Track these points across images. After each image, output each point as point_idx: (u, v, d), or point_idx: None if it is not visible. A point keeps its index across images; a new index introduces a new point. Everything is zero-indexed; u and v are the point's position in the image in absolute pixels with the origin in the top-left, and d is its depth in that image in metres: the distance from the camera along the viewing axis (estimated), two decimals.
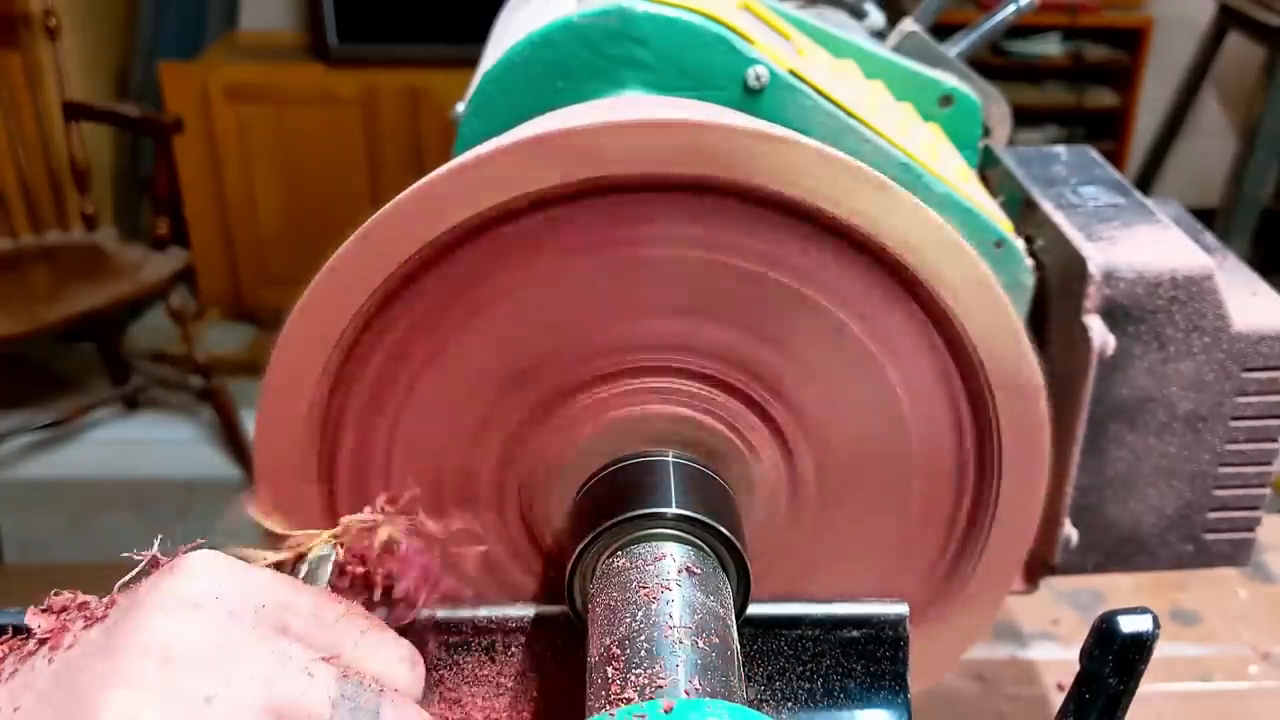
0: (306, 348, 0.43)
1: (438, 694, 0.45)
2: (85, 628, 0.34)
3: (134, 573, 0.36)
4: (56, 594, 0.36)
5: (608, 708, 0.35)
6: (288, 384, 0.44)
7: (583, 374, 0.46)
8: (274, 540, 0.42)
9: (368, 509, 0.42)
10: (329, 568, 0.40)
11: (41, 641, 0.34)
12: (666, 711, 0.32)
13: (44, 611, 0.35)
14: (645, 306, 0.45)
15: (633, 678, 0.35)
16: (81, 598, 0.36)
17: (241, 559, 0.37)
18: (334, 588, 0.40)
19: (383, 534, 0.41)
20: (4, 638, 0.35)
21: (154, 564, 0.36)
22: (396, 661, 0.38)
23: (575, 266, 0.44)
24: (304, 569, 0.40)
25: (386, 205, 0.42)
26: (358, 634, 0.37)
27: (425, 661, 0.40)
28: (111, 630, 0.33)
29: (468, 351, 0.45)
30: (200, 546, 0.36)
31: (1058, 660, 0.86)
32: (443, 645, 0.45)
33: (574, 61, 0.52)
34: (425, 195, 0.41)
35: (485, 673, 0.46)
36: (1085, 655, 0.36)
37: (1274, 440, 0.59)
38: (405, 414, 0.46)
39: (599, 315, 0.45)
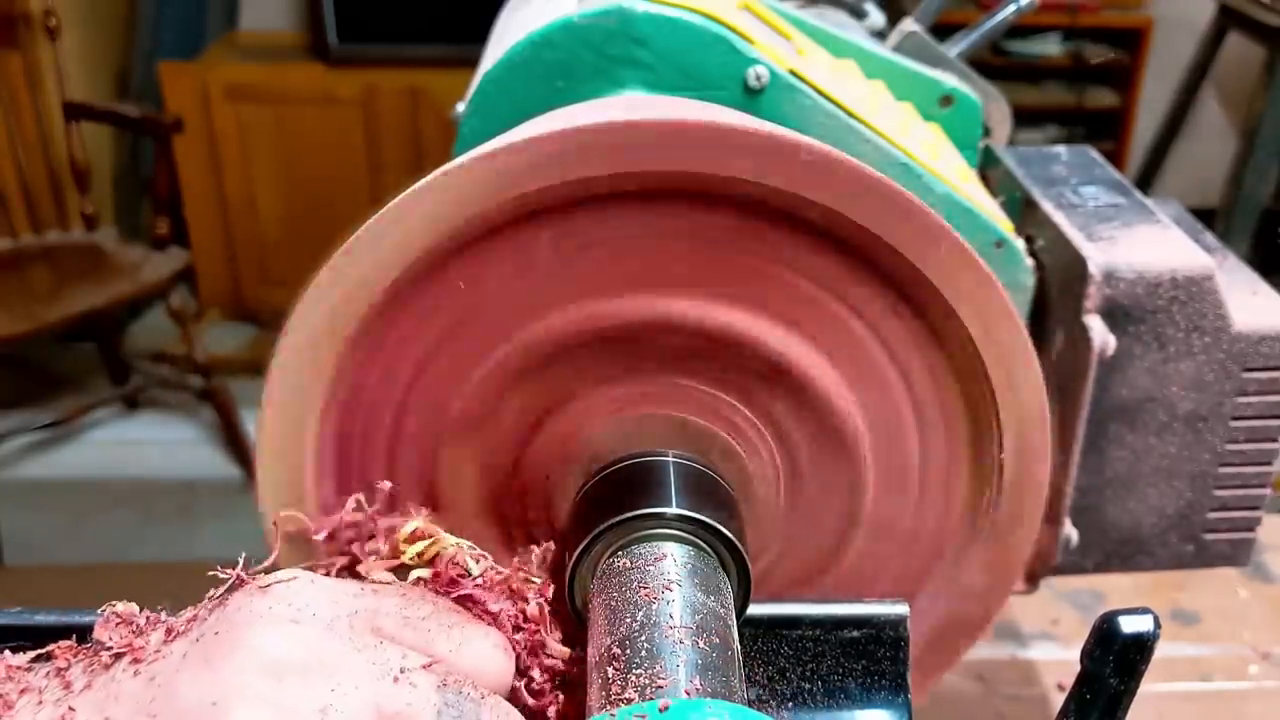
0: (307, 349, 0.43)
1: None
2: (167, 641, 0.33)
3: (222, 590, 0.35)
4: (111, 605, 0.35)
5: (608, 708, 0.35)
6: (289, 386, 0.44)
7: (583, 374, 0.46)
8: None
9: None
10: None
11: (118, 655, 0.33)
12: (665, 711, 0.32)
13: (112, 623, 0.35)
14: (648, 306, 0.45)
15: (633, 678, 0.35)
16: (148, 612, 0.35)
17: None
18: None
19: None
20: (61, 646, 0.35)
21: (239, 582, 0.36)
22: (490, 650, 0.38)
23: (577, 267, 0.44)
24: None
25: (386, 205, 0.42)
26: (448, 629, 0.37)
27: None
28: (207, 646, 0.32)
29: (468, 353, 0.45)
30: (292, 570, 0.36)
31: (1058, 660, 0.86)
32: None
33: (574, 61, 0.52)
34: (426, 195, 0.41)
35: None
36: (1086, 655, 0.36)
37: (1274, 440, 0.59)
38: (405, 416, 0.46)
39: (602, 316, 0.45)
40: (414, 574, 0.40)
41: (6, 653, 0.35)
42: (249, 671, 0.31)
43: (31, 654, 0.35)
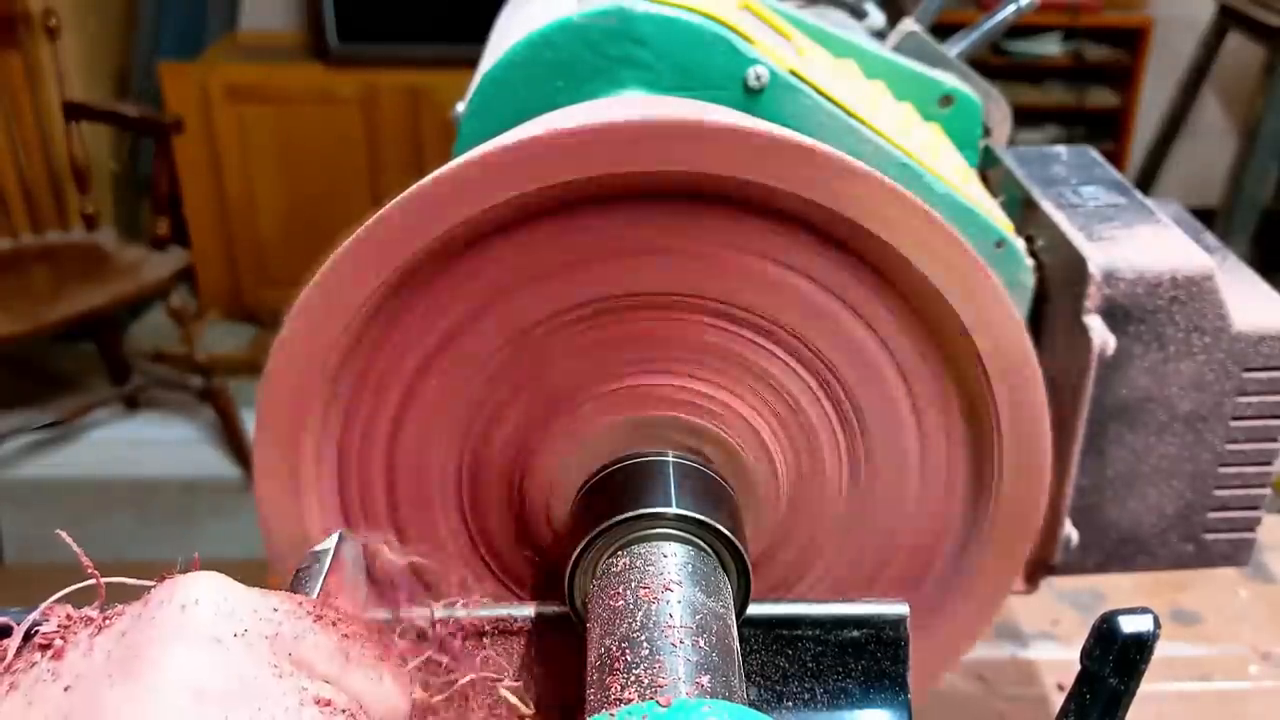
0: (305, 349, 0.43)
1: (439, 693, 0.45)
2: (91, 636, 0.33)
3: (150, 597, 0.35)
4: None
5: (608, 708, 0.35)
6: (287, 386, 0.44)
7: (584, 373, 0.46)
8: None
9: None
10: (327, 561, 0.40)
11: (43, 647, 0.33)
12: (665, 711, 0.32)
13: (49, 618, 0.34)
14: (647, 307, 0.45)
15: (633, 678, 0.35)
16: (75, 610, 0.35)
17: None
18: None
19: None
20: None
21: (160, 576, 0.35)
22: (398, 694, 0.38)
23: (575, 267, 0.44)
24: (305, 561, 0.40)
25: (387, 204, 0.41)
26: (358, 661, 0.37)
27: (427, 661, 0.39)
28: (127, 657, 0.32)
29: (469, 352, 0.45)
30: (203, 567, 0.36)
31: (1058, 660, 0.86)
32: (442, 645, 0.45)
33: (574, 61, 0.52)
34: (427, 194, 0.41)
35: (486, 673, 0.46)
36: (1086, 655, 0.36)
37: (1274, 440, 0.59)
38: (407, 415, 0.46)
39: (603, 314, 0.45)
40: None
41: None
42: (170, 693, 0.31)
43: None
